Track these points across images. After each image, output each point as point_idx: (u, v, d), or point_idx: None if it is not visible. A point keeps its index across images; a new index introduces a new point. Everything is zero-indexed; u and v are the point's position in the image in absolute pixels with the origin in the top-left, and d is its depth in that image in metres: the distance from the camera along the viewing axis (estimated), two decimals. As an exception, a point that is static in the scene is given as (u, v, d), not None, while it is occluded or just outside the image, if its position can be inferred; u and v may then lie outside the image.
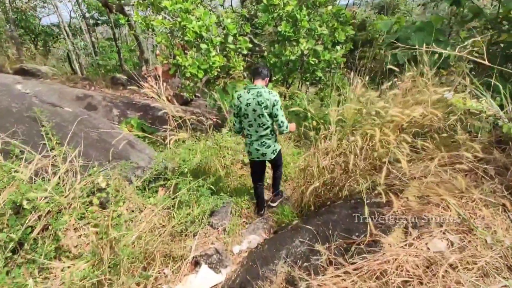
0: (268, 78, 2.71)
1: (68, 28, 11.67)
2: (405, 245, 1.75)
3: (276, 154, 2.86)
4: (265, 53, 4.93)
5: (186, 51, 4.01)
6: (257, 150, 2.74)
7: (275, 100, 2.48)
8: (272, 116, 2.57)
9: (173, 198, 3.21)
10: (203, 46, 4.03)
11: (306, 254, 2.13)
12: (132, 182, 3.30)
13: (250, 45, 4.36)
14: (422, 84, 2.87)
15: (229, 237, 2.95)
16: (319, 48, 4.68)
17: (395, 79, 3.51)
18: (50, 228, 2.14)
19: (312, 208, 2.93)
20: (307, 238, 2.34)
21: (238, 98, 2.58)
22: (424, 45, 2.77)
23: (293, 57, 4.57)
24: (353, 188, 2.84)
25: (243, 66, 4.42)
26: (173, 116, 3.45)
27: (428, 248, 1.70)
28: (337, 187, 2.79)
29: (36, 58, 11.90)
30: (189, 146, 3.81)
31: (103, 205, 2.98)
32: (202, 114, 6.04)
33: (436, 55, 3.06)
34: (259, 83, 2.58)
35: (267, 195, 3.57)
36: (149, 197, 3.26)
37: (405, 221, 1.92)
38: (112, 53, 12.32)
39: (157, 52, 4.35)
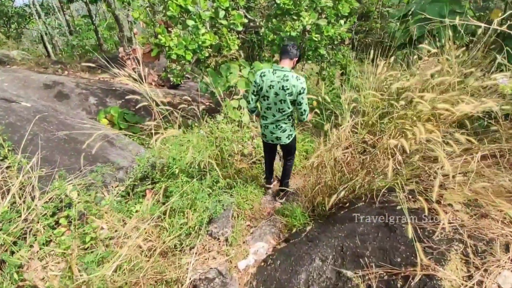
0: (297, 58, 2.41)
1: (39, 7, 10.47)
2: (469, 281, 1.35)
3: (291, 139, 2.66)
4: (262, 29, 4.33)
5: (170, 29, 3.38)
6: (272, 133, 2.59)
7: (302, 88, 2.26)
8: (296, 103, 2.36)
9: (164, 204, 2.76)
10: (190, 22, 3.40)
11: (333, 281, 1.73)
12: (113, 188, 2.81)
13: (246, 20, 3.75)
14: (445, 62, 2.41)
15: (232, 249, 2.53)
16: (323, 22, 4.10)
17: (415, 56, 3.04)
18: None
19: (327, 208, 2.52)
20: (330, 256, 1.93)
21: (261, 76, 2.36)
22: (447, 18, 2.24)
23: (293, 33, 3.99)
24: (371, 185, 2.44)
25: (238, 44, 3.83)
26: (158, 105, 2.91)
27: (499, 286, 1.30)
28: (357, 185, 2.37)
29: (9, 42, 10.80)
30: (180, 139, 3.30)
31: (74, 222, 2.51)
32: (193, 98, 5.46)
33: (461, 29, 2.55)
34: (287, 64, 2.33)
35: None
36: (135, 205, 2.79)
37: (461, 243, 1.52)
38: (89, 31, 11.25)
39: (135, 30, 3.69)
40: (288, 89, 2.26)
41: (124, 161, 3.12)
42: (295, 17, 4.03)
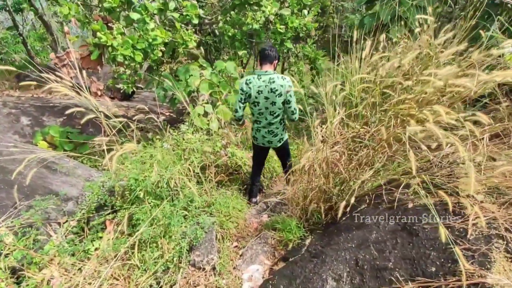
0: (277, 60, 2.42)
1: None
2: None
3: (282, 142, 2.69)
4: (220, 24, 3.93)
5: (110, 25, 2.83)
6: (264, 137, 2.62)
7: (289, 86, 2.28)
8: (285, 103, 2.38)
9: (130, 235, 2.27)
10: (135, 15, 2.88)
11: (359, 310, 1.41)
12: (61, 225, 2.24)
13: (201, 11, 3.33)
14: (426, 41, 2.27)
15: (222, 278, 2.12)
16: (286, 12, 3.85)
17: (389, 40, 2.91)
18: None
19: (323, 216, 2.22)
20: (345, 274, 1.62)
21: (247, 83, 2.36)
22: None
23: (256, 26, 3.67)
24: (372, 183, 2.20)
25: (195, 41, 3.39)
26: (109, 118, 2.39)
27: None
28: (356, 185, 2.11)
29: None
30: (141, 156, 2.78)
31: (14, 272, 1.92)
32: (150, 109, 4.88)
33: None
34: (268, 67, 2.36)
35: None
36: (92, 242, 2.25)
37: (501, 239, 1.30)
38: (17, 45, 9.82)
39: (66, 29, 3.06)
40: (277, 90, 2.29)
41: (73, 190, 2.53)
42: (256, 7, 3.71)
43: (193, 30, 3.48)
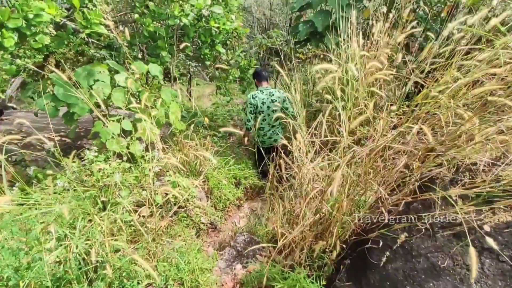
0: (269, 78, 3.19)
1: None
2: None
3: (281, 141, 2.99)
4: (136, 16, 2.96)
5: None
6: (270, 137, 3.14)
7: (284, 96, 2.90)
8: (283, 108, 2.96)
9: None
10: None
11: None
12: None
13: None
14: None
15: None
16: (218, 10, 3.25)
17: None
18: None
19: (334, 254, 1.64)
20: None
21: (253, 98, 2.89)
22: None
23: (185, 20, 2.92)
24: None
25: (104, 25, 2.36)
26: None
27: None
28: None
29: None
30: (20, 213, 1.56)
31: None
32: (30, 134, 3.38)
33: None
34: (266, 84, 3.02)
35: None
36: None
37: None
38: None
39: None
40: (276, 100, 2.91)
41: None
42: (181, 1, 2.97)
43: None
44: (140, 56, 3.56)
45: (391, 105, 1.74)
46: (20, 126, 3.57)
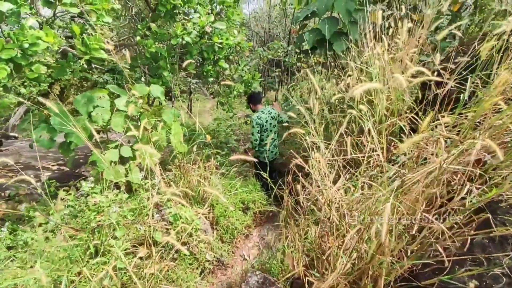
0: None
1: None
2: None
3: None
4: (137, 39, 2.83)
5: None
6: (272, 151, 3.40)
7: (278, 114, 3.32)
8: (278, 120, 3.36)
9: None
10: (5, 5, 1.62)
11: None
12: None
13: (118, 6, 2.24)
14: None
15: None
16: (221, 26, 3.11)
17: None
18: None
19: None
20: None
21: (259, 118, 3.16)
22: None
23: (188, 39, 2.77)
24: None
25: (105, 50, 2.21)
26: None
27: None
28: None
29: None
30: (9, 255, 1.33)
31: None
32: (26, 165, 3.23)
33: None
34: (261, 106, 3.32)
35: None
36: None
37: None
38: None
39: None
40: (274, 117, 3.24)
41: None
42: (185, 18, 2.84)
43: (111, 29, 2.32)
44: (142, 78, 3.43)
45: (442, 116, 1.48)
46: (17, 156, 3.42)
